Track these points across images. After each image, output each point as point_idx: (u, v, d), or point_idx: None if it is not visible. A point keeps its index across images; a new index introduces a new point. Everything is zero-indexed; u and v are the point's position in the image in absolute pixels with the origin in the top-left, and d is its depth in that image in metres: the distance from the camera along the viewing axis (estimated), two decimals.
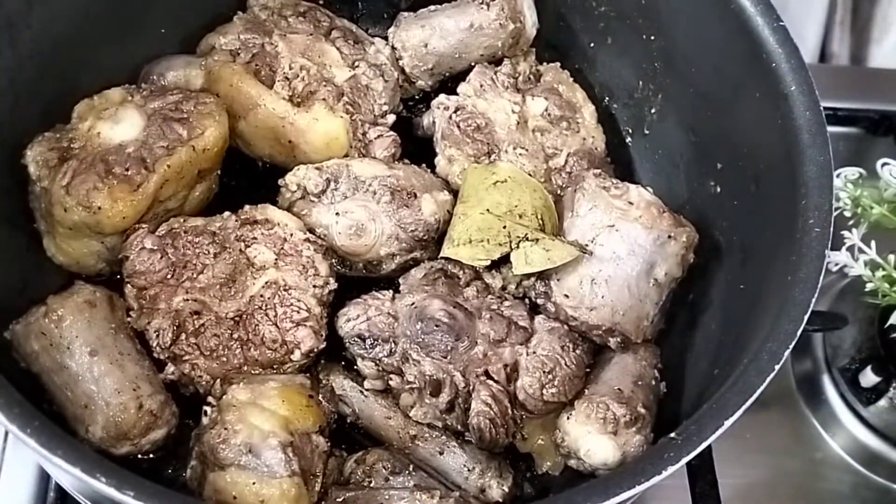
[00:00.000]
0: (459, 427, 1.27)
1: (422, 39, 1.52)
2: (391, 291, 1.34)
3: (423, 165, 1.47)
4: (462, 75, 1.53)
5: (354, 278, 1.42)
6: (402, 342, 1.28)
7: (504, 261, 1.33)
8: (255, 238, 1.34)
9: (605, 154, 1.55)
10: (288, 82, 1.45)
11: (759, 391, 1.06)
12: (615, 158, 1.56)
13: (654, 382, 1.33)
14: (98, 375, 1.20)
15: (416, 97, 1.60)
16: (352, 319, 1.30)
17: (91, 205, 1.27)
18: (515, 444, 1.33)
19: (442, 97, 1.50)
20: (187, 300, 1.29)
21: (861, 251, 1.46)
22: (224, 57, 1.45)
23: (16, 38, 1.28)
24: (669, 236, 1.34)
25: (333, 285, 1.36)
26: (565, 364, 1.28)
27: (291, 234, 1.35)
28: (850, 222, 1.48)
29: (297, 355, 1.29)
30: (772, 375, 1.07)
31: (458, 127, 1.47)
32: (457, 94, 1.50)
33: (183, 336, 1.27)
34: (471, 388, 1.26)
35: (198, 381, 1.27)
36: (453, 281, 1.34)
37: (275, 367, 1.28)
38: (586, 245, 1.32)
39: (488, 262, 1.32)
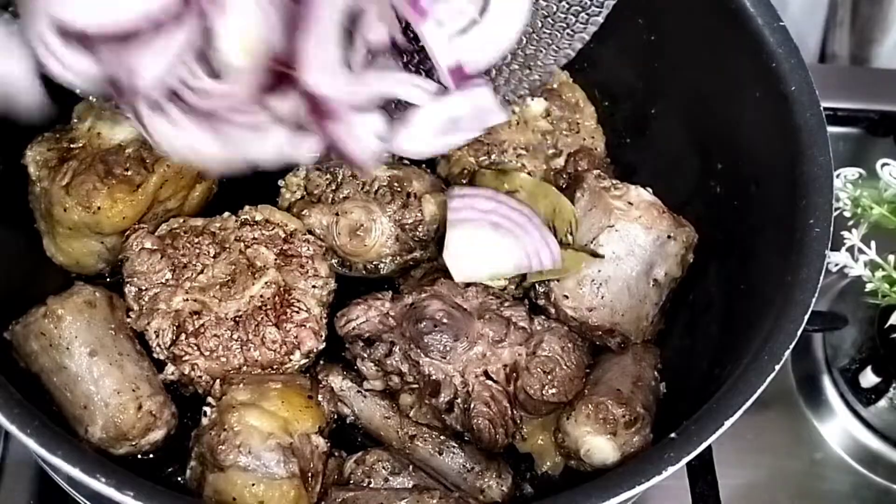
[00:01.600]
0: (459, 427, 1.27)
1: None
2: (391, 292, 1.34)
3: (424, 166, 1.47)
4: None
5: (354, 279, 1.42)
6: (402, 343, 1.28)
7: None
8: (255, 238, 1.34)
9: (605, 154, 1.55)
10: None
11: (759, 391, 1.06)
12: (615, 158, 1.56)
13: (653, 383, 1.33)
14: (97, 376, 1.20)
15: None
16: (352, 320, 1.30)
17: (91, 205, 1.27)
18: (515, 444, 1.33)
19: None
20: (187, 300, 1.29)
21: (861, 251, 1.45)
22: None
23: None
24: (669, 236, 1.35)
25: (333, 286, 1.36)
26: (565, 365, 1.28)
27: (291, 235, 1.35)
28: (850, 223, 1.48)
29: (296, 356, 1.29)
30: (772, 376, 1.07)
31: None
32: None
33: (183, 336, 1.27)
34: (470, 388, 1.26)
35: (197, 382, 1.27)
36: (453, 281, 1.34)
37: (275, 367, 1.28)
38: (586, 245, 1.32)
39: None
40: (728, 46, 1.36)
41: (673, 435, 1.05)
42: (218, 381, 1.25)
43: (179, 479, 1.25)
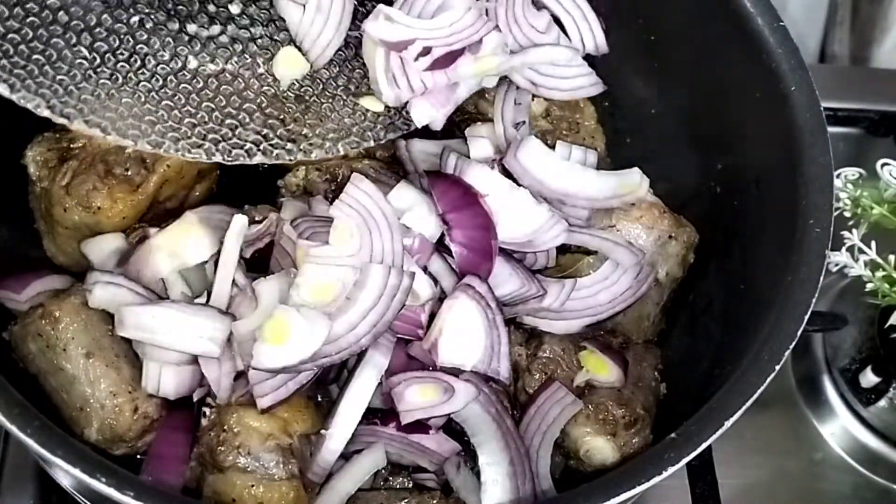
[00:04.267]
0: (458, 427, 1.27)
1: None
2: None
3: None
4: None
5: None
6: None
7: None
8: None
9: (605, 154, 1.55)
10: None
11: (759, 391, 1.06)
12: (615, 159, 1.56)
13: (654, 383, 1.33)
14: (93, 378, 1.19)
15: None
16: None
17: (91, 205, 1.27)
18: None
19: None
20: None
21: (861, 251, 1.45)
22: None
23: None
24: (670, 236, 1.35)
25: None
26: (566, 366, 1.28)
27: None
28: (850, 222, 1.48)
29: None
30: (772, 376, 1.07)
31: (459, 128, 1.47)
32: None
33: None
34: None
35: None
36: None
37: None
38: None
39: None
40: (728, 46, 1.35)
41: (673, 435, 1.05)
42: None
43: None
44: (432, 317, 1.22)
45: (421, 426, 1.20)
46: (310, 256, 1.17)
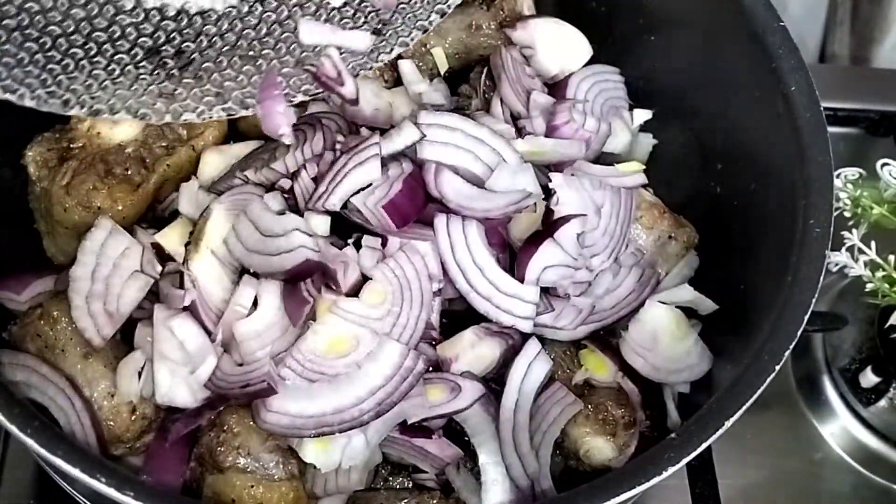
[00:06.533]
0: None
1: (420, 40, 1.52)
2: None
3: None
4: (463, 76, 1.53)
5: None
6: None
7: None
8: None
9: None
10: None
11: (759, 391, 1.06)
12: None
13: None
14: (91, 378, 1.19)
15: None
16: None
17: (91, 205, 1.27)
18: None
19: None
20: None
21: (861, 251, 1.45)
22: None
23: None
24: (670, 236, 1.35)
25: None
26: (566, 367, 1.28)
27: None
28: (850, 223, 1.48)
29: None
30: (772, 376, 1.07)
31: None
32: (457, 95, 1.50)
33: None
34: None
35: None
36: None
37: None
38: None
39: None
40: (728, 46, 1.36)
41: (673, 435, 1.05)
42: None
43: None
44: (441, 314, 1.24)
45: (424, 430, 1.20)
46: (335, 307, 1.16)
